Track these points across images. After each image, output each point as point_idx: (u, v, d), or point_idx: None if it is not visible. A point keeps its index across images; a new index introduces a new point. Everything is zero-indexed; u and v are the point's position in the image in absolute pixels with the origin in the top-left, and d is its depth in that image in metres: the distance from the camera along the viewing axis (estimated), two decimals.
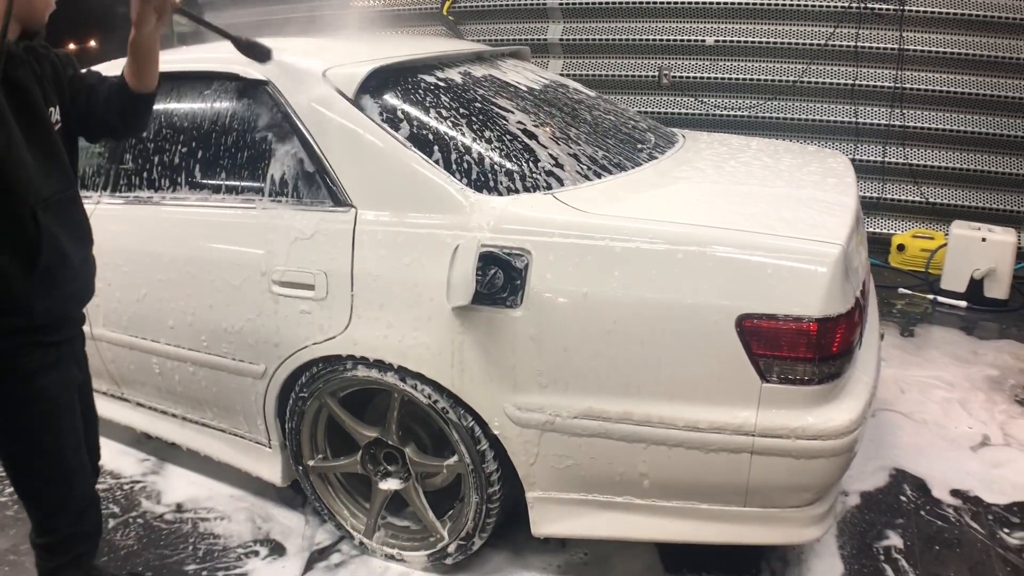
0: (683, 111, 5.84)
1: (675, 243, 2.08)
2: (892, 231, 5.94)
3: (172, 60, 3.12)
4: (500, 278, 2.17)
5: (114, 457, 3.46)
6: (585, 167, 2.51)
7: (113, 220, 2.93)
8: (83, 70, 2.21)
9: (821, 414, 2.06)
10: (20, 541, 2.85)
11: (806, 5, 5.63)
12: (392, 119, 2.46)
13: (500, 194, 2.31)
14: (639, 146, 2.84)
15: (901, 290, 5.22)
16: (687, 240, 2.08)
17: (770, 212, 2.29)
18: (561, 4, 5.85)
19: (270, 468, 2.82)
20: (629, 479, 2.24)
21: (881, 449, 3.29)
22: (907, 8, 5.56)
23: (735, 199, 2.47)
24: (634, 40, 5.73)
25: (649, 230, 2.11)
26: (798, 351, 2.01)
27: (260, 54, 2.46)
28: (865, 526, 2.84)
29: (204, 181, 2.76)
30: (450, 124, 2.52)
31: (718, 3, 5.60)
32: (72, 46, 9.19)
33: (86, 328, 3.04)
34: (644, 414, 2.13)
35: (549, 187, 2.36)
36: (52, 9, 2.04)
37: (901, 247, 5.57)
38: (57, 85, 2.04)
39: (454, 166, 2.36)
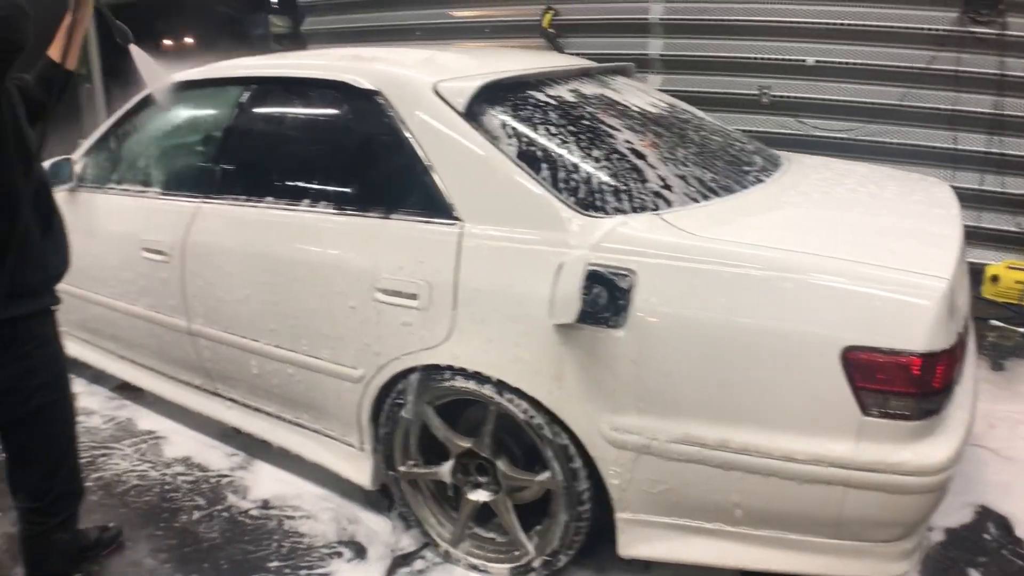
0: (782, 131, 5.76)
1: (783, 270, 2.05)
2: (986, 261, 5.78)
3: (281, 65, 3.21)
4: (604, 297, 2.16)
5: (202, 450, 3.55)
6: (693, 188, 2.49)
7: (217, 220, 3.01)
8: None
9: (918, 450, 2.02)
10: None
11: (907, 28, 5.51)
12: (501, 134, 2.48)
13: (607, 213, 2.30)
14: (745, 168, 2.81)
15: (993, 322, 5.08)
16: (795, 268, 2.05)
17: (877, 242, 2.26)
18: (662, 19, 5.82)
19: (360, 471, 2.85)
20: (722, 507, 2.22)
21: (968, 485, 3.19)
22: (1008, 33, 5.41)
23: (843, 227, 2.43)
24: (735, 58, 5.69)
25: (757, 256, 2.09)
26: (900, 385, 1.97)
27: (124, 36, 2.69)
28: (948, 563, 2.76)
29: (310, 186, 2.81)
30: (558, 141, 2.52)
31: (820, 23, 5.52)
32: (168, 42, 9.44)
33: (183, 323, 3.15)
34: (742, 443, 2.11)
35: (656, 208, 2.34)
36: None
37: (995, 278, 5.42)
38: None
39: (561, 184, 2.37)
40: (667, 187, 2.44)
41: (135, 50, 2.71)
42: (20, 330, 2.16)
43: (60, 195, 3.40)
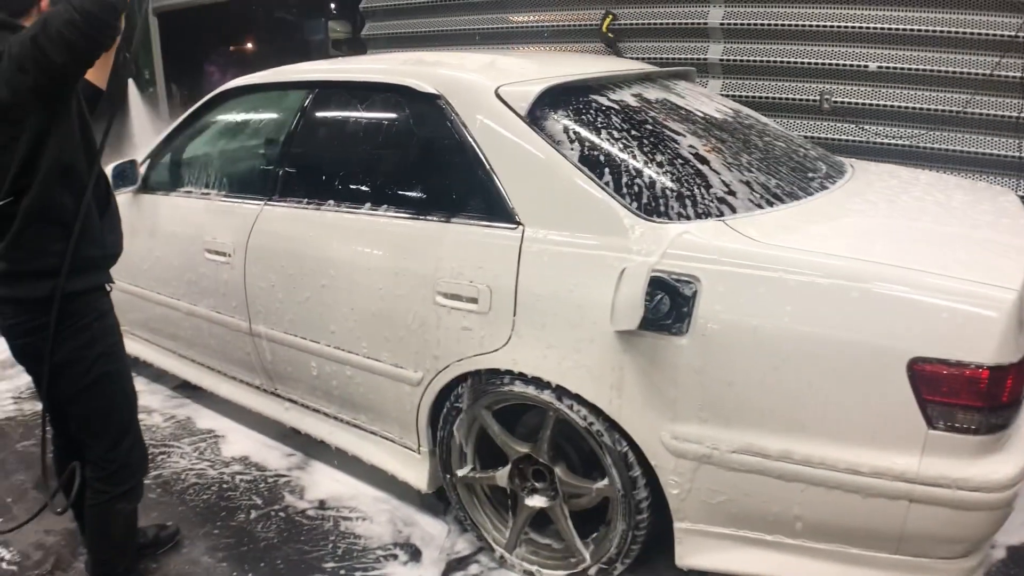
0: (843, 137, 5.67)
1: (850, 279, 2.01)
2: None
3: (343, 69, 3.24)
4: (666, 304, 2.14)
5: (260, 450, 3.59)
6: (758, 195, 2.45)
7: (278, 223, 3.04)
8: None
9: (984, 466, 1.97)
10: None
11: (971, 33, 5.40)
12: (563, 139, 2.47)
13: (670, 219, 2.28)
14: (810, 175, 2.76)
15: None
16: (862, 277, 2.01)
17: (945, 252, 2.22)
18: (723, 24, 5.76)
19: (417, 473, 2.87)
20: (782, 519, 2.19)
21: None
22: None
23: (910, 236, 2.39)
24: (796, 63, 5.61)
25: (824, 264, 2.05)
26: (968, 399, 1.92)
27: (128, 69, 2.65)
28: None
29: (372, 189, 2.83)
30: (621, 146, 2.50)
31: (882, 28, 5.42)
32: (231, 47, 9.57)
33: (244, 323, 3.19)
34: (805, 454, 2.07)
35: (721, 214, 2.31)
36: None
37: None
38: None
39: (624, 188, 2.35)
40: (731, 193, 2.41)
41: (132, 87, 2.75)
42: (80, 304, 2.27)
43: (124, 196, 3.48)
